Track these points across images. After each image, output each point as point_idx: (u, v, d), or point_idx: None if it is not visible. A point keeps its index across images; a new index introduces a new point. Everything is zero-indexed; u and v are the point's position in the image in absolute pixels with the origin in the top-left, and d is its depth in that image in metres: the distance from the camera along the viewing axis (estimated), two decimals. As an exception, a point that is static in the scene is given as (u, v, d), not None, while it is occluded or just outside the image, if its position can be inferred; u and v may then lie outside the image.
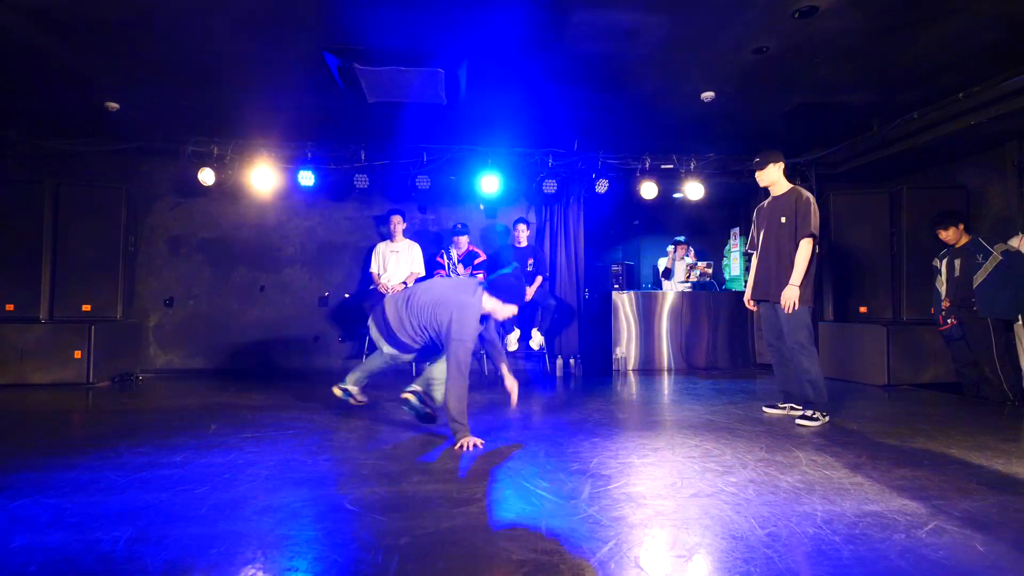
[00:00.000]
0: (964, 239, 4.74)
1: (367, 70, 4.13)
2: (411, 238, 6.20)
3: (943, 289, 4.81)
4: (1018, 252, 4.48)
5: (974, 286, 4.57)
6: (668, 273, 7.01)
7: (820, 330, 5.75)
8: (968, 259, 4.63)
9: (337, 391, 3.82)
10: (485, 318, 3.23)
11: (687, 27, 3.60)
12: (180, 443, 3.03)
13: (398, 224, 6.04)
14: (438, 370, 3.35)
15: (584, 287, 6.65)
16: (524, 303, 5.73)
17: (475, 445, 2.96)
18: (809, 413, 3.57)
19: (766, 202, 3.90)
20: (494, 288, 3.13)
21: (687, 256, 7.12)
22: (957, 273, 4.69)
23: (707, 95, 4.68)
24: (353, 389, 3.83)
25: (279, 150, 5.92)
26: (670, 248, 7.18)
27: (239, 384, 5.22)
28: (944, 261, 4.83)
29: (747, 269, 4.39)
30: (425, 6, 3.35)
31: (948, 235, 4.77)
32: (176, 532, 1.88)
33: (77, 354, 5.04)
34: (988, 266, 4.50)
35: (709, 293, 6.62)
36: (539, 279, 6.02)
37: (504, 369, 3.46)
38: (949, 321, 4.68)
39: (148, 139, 5.76)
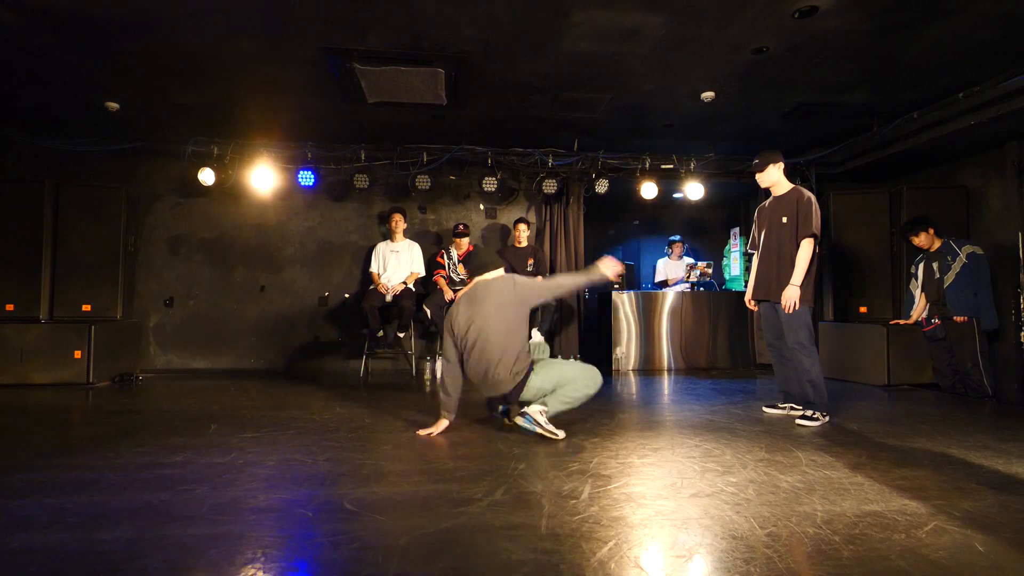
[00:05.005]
0: (937, 243, 4.87)
1: (367, 70, 4.13)
2: (411, 238, 6.21)
3: (917, 293, 4.98)
4: (982, 254, 4.67)
5: (944, 287, 4.73)
6: (664, 284, 7.02)
7: (820, 330, 5.74)
8: (943, 262, 4.78)
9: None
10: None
11: (687, 27, 3.60)
12: (180, 443, 3.03)
13: (398, 224, 6.04)
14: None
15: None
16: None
17: (429, 434, 3.19)
18: (809, 413, 3.57)
19: (767, 202, 3.89)
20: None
21: (685, 256, 7.12)
22: (937, 275, 4.82)
23: (707, 95, 4.69)
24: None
25: (279, 150, 5.92)
26: (670, 249, 7.19)
27: (239, 384, 5.22)
28: (921, 266, 4.97)
29: (747, 269, 4.39)
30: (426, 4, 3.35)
31: (920, 240, 4.90)
32: (176, 532, 1.87)
33: (77, 354, 5.04)
34: (956, 267, 4.67)
35: (709, 293, 6.62)
36: (539, 279, 6.00)
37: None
38: (933, 321, 4.81)
39: (148, 139, 5.77)
